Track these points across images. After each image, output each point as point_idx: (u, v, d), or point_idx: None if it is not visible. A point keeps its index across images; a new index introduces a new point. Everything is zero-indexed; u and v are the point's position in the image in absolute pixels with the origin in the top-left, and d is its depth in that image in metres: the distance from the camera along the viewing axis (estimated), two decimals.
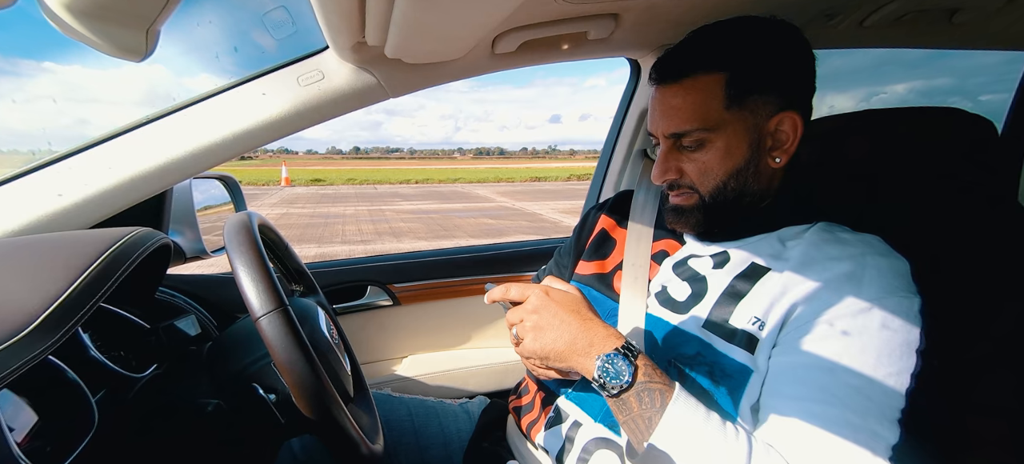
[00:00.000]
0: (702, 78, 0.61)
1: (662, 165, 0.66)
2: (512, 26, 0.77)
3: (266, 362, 0.67)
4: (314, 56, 0.79)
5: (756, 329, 0.58)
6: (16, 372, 0.41)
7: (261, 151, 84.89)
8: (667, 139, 0.65)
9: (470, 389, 1.34)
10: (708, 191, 0.64)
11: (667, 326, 0.65)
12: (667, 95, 0.63)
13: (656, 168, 0.66)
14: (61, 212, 0.73)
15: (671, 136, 0.64)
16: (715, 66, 0.60)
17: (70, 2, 0.42)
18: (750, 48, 0.61)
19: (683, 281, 0.68)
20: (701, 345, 0.61)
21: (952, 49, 1.03)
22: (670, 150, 0.65)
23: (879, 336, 0.52)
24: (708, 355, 0.60)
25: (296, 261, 0.88)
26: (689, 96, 0.61)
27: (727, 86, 0.60)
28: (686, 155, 0.64)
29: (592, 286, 0.78)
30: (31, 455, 0.46)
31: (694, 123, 0.61)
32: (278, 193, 18.68)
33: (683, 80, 0.62)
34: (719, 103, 0.61)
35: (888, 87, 3.77)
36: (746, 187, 0.63)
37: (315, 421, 0.56)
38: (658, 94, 0.65)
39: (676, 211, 0.68)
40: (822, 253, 0.59)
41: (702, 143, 0.62)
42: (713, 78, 0.60)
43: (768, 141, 0.62)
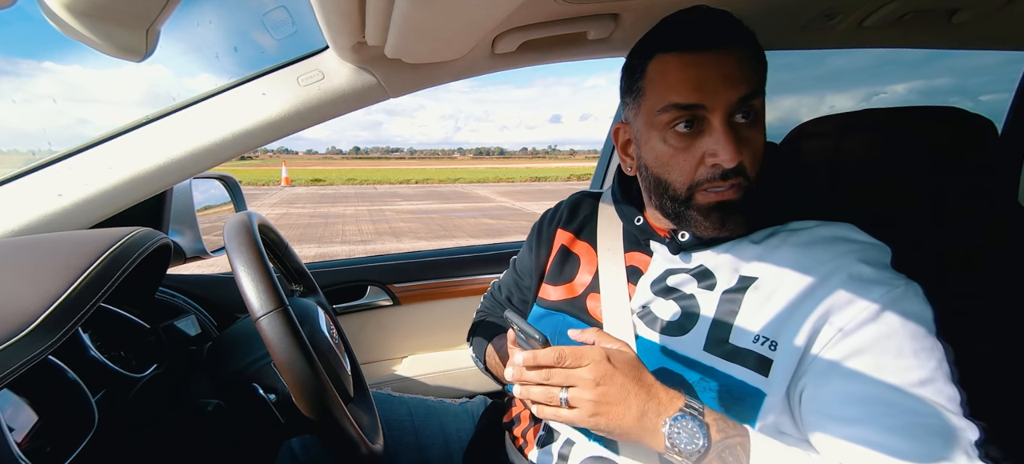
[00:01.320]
0: (747, 49, 0.56)
1: (735, 143, 0.54)
2: (512, 26, 0.77)
3: (266, 362, 0.66)
4: (314, 56, 0.79)
5: (767, 350, 0.54)
6: (16, 372, 0.41)
7: (261, 151, 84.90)
8: (725, 111, 0.54)
9: (470, 389, 1.34)
10: (755, 174, 0.57)
11: (662, 351, 0.61)
12: (723, 59, 0.54)
13: (728, 144, 0.54)
14: (61, 212, 0.73)
15: (738, 102, 0.54)
16: (749, 41, 0.57)
17: (70, 2, 0.42)
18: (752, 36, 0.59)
19: (668, 301, 0.63)
20: (704, 370, 0.58)
21: (952, 49, 1.03)
22: (727, 126, 0.55)
23: (905, 330, 0.50)
24: (714, 379, 0.57)
25: (296, 261, 0.88)
26: (747, 61, 0.56)
27: (759, 62, 0.58)
28: (741, 130, 0.56)
29: (566, 313, 0.73)
30: (31, 455, 0.46)
31: (757, 85, 0.56)
32: (278, 193, 18.68)
33: (735, 46, 0.55)
34: (760, 74, 0.58)
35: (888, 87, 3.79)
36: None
37: (315, 421, 0.56)
38: (708, 60, 0.55)
39: (725, 209, 0.57)
40: (811, 256, 0.56)
41: (755, 115, 0.57)
42: (749, 51, 0.56)
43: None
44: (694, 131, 0.56)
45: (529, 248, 0.86)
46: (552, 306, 0.76)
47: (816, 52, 0.96)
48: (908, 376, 0.49)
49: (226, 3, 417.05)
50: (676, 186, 0.59)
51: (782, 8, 0.82)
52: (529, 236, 0.88)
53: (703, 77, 0.54)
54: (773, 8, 0.83)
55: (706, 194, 0.58)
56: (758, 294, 0.57)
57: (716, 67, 0.54)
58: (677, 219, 0.62)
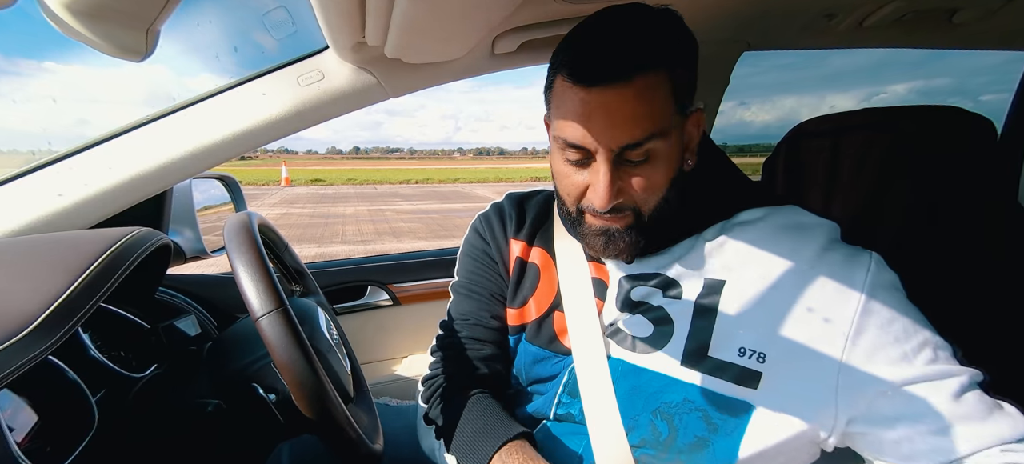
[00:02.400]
0: (652, 77, 0.49)
1: (610, 188, 0.52)
2: (512, 26, 0.77)
3: (266, 362, 0.66)
4: (314, 56, 0.79)
5: (755, 362, 0.53)
6: (16, 372, 0.41)
7: (261, 151, 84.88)
8: (609, 153, 0.51)
9: None
10: (649, 209, 0.55)
11: (640, 372, 0.58)
12: (613, 100, 0.49)
13: (603, 192, 0.52)
14: (61, 212, 0.73)
15: (621, 149, 0.51)
16: (662, 62, 0.50)
17: (70, 2, 0.42)
18: (681, 41, 0.53)
19: (635, 315, 0.59)
20: (686, 388, 0.55)
21: (952, 49, 1.03)
22: (613, 166, 0.52)
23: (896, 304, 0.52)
24: (698, 397, 0.55)
25: (296, 261, 0.88)
26: (642, 99, 0.49)
27: (674, 85, 0.51)
28: (629, 170, 0.53)
29: (530, 340, 0.66)
30: (31, 455, 0.46)
31: (649, 131, 0.50)
32: (278, 193, 18.68)
33: (635, 79, 0.49)
34: (671, 106, 0.51)
35: (889, 87, 3.74)
36: (673, 198, 0.56)
37: (315, 421, 0.56)
38: (596, 98, 0.50)
39: (606, 235, 0.56)
40: (772, 248, 0.55)
41: (650, 155, 0.52)
42: (661, 77, 0.50)
43: (682, 143, 0.56)
44: (583, 163, 0.54)
45: (484, 263, 0.72)
46: (513, 331, 0.69)
47: (816, 52, 0.96)
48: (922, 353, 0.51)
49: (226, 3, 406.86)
50: (567, 204, 0.59)
51: (782, 8, 0.82)
52: (472, 247, 0.74)
53: (589, 118, 0.51)
54: (773, 8, 0.83)
55: (592, 219, 0.57)
56: (729, 299, 0.55)
57: (604, 108, 0.50)
58: (574, 234, 0.61)
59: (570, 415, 0.63)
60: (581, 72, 0.50)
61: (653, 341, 0.58)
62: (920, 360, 0.50)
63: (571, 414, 0.62)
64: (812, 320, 0.53)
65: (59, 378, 0.58)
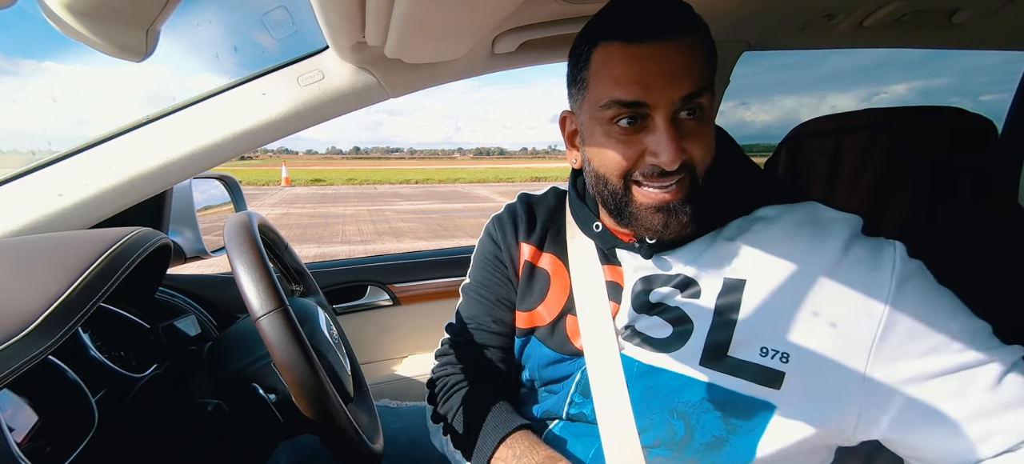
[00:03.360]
0: (696, 37, 0.52)
1: (677, 143, 0.51)
2: (512, 26, 0.77)
3: (266, 362, 0.66)
4: (314, 56, 0.79)
5: (778, 362, 0.52)
6: (16, 372, 0.41)
7: (261, 151, 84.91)
8: (668, 109, 0.51)
9: None
10: (703, 169, 0.54)
11: (657, 372, 0.58)
12: (669, 53, 0.51)
13: (670, 145, 0.51)
14: (61, 212, 0.73)
15: (682, 100, 0.51)
16: (700, 29, 0.53)
17: (70, 2, 0.42)
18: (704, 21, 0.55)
19: (653, 316, 0.59)
20: (705, 387, 0.54)
21: (952, 49, 1.03)
22: (671, 124, 0.52)
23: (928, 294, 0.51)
24: (717, 397, 0.54)
25: (296, 261, 0.88)
26: (694, 52, 0.51)
27: (709, 51, 0.54)
28: (684, 128, 0.53)
29: (542, 342, 0.67)
30: (31, 455, 0.46)
31: (703, 82, 0.52)
32: (278, 193, 18.68)
33: (686, 35, 0.51)
34: (710, 67, 0.54)
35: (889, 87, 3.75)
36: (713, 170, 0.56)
37: (315, 421, 0.56)
38: (652, 53, 0.51)
39: (668, 210, 0.54)
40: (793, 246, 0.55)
41: (701, 111, 0.53)
42: (700, 39, 0.53)
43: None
44: (638, 127, 0.53)
45: (494, 266, 0.73)
46: (522, 334, 0.69)
47: (816, 52, 0.96)
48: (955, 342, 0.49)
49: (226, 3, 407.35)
50: (614, 182, 0.56)
51: (782, 8, 0.82)
52: (485, 250, 0.75)
53: (646, 72, 0.51)
54: (773, 8, 0.83)
55: (646, 193, 0.55)
56: (750, 298, 0.54)
57: (660, 62, 0.51)
58: (619, 217, 0.58)
59: (582, 415, 0.63)
60: (635, 30, 0.51)
61: (671, 342, 0.57)
62: (953, 348, 0.48)
63: (583, 414, 0.63)
64: (838, 318, 0.51)
65: (59, 378, 0.58)
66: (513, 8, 0.58)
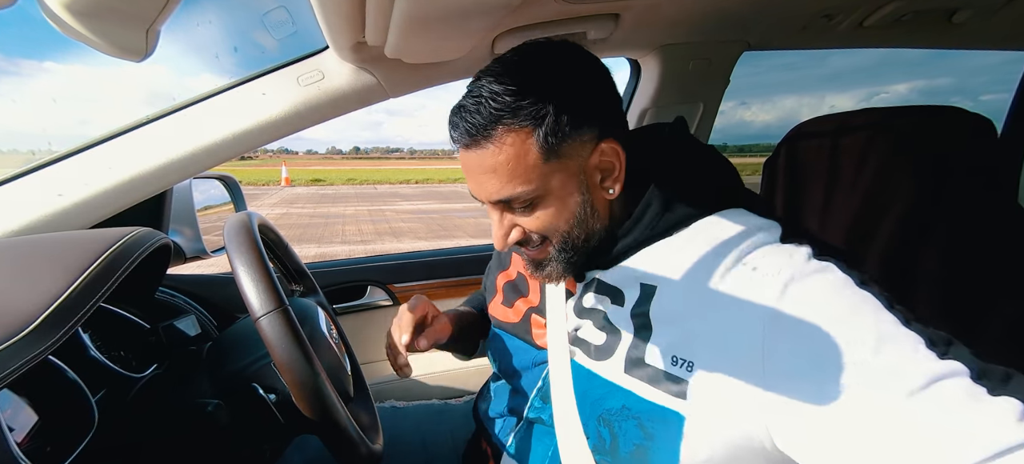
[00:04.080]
0: (509, 134, 0.52)
1: (501, 230, 0.58)
2: (512, 26, 0.77)
3: (266, 362, 0.66)
4: (314, 56, 0.79)
5: (683, 370, 0.51)
6: (16, 372, 0.41)
7: (261, 151, 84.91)
8: (491, 204, 0.57)
9: (472, 387, 1.34)
10: (560, 239, 0.58)
11: (591, 378, 0.59)
12: (472, 159, 0.54)
13: (496, 234, 0.58)
14: (61, 212, 0.73)
15: (499, 202, 0.56)
16: (522, 117, 0.51)
17: (70, 2, 0.42)
18: (552, 87, 0.53)
19: (588, 322, 0.62)
20: (624, 395, 0.55)
21: (952, 49, 1.03)
22: (501, 212, 0.57)
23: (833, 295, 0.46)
24: (633, 406, 0.54)
25: (296, 261, 0.88)
26: (499, 158, 0.52)
27: (538, 139, 0.52)
28: (520, 214, 0.57)
29: (515, 335, 0.73)
30: (31, 455, 0.46)
31: (517, 186, 0.53)
32: (278, 193, 18.69)
33: (485, 143, 0.52)
34: (536, 159, 0.53)
35: (889, 87, 3.73)
36: (591, 230, 0.58)
37: (315, 421, 0.56)
38: (462, 157, 0.56)
39: (536, 264, 0.61)
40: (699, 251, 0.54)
41: (534, 203, 0.55)
42: (522, 133, 0.52)
43: (596, 176, 0.57)
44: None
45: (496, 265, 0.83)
46: (500, 326, 0.76)
47: (816, 52, 0.96)
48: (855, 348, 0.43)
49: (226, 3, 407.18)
50: None
51: (782, 8, 0.82)
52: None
53: (467, 175, 0.57)
54: (773, 8, 0.83)
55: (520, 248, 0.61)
56: (660, 305, 0.55)
57: (468, 169, 0.56)
58: None
59: (540, 419, 0.66)
60: (451, 133, 0.56)
61: (605, 349, 0.58)
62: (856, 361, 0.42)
63: (542, 418, 0.66)
64: (728, 328, 0.49)
65: (59, 378, 0.58)
66: (513, 8, 0.58)
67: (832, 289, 0.47)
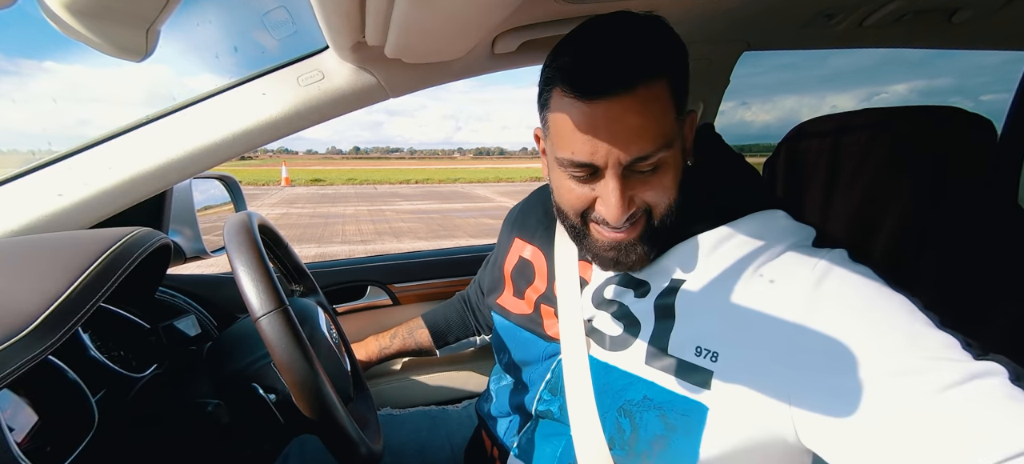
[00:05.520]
0: (654, 85, 0.48)
1: (622, 201, 0.52)
2: (512, 26, 0.77)
3: (266, 362, 0.66)
4: (314, 56, 0.79)
5: (707, 361, 0.51)
6: (16, 372, 0.41)
7: (261, 151, 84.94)
8: (617, 169, 0.51)
9: (471, 389, 1.34)
10: (661, 212, 0.54)
11: (609, 370, 0.58)
12: (618, 111, 0.48)
13: (615, 207, 0.52)
14: (61, 212, 0.73)
15: (632, 162, 0.50)
16: (661, 69, 0.49)
17: (70, 2, 0.42)
18: (674, 46, 0.52)
19: (607, 314, 0.60)
20: (646, 386, 0.55)
21: (952, 49, 1.03)
22: (622, 178, 0.51)
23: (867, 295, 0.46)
24: (656, 396, 0.54)
25: (296, 261, 0.88)
26: (648, 109, 0.48)
27: (675, 92, 0.50)
28: (639, 180, 0.52)
29: (523, 326, 0.71)
30: (31, 455, 0.46)
31: (658, 142, 0.50)
32: (278, 193, 18.68)
33: (637, 89, 0.48)
34: (673, 115, 0.51)
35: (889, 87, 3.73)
36: (679, 200, 0.56)
37: (315, 421, 0.56)
38: (599, 113, 0.49)
39: (617, 250, 0.56)
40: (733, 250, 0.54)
41: (660, 165, 0.52)
42: (662, 85, 0.49)
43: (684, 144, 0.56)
44: (591, 176, 0.53)
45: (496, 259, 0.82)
46: (508, 316, 0.75)
47: (817, 52, 0.96)
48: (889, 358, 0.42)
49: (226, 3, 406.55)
50: (572, 218, 0.58)
51: (782, 8, 0.82)
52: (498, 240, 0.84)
53: (595, 133, 0.49)
54: (773, 8, 0.83)
55: (601, 231, 0.56)
56: (688, 298, 0.54)
57: (609, 122, 0.49)
58: (578, 245, 0.61)
59: (549, 412, 0.65)
60: (583, 83, 0.49)
61: (622, 340, 0.58)
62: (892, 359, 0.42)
63: (550, 411, 0.65)
64: (756, 324, 0.49)
65: (59, 378, 0.58)
66: (513, 8, 0.58)
67: (866, 286, 0.47)
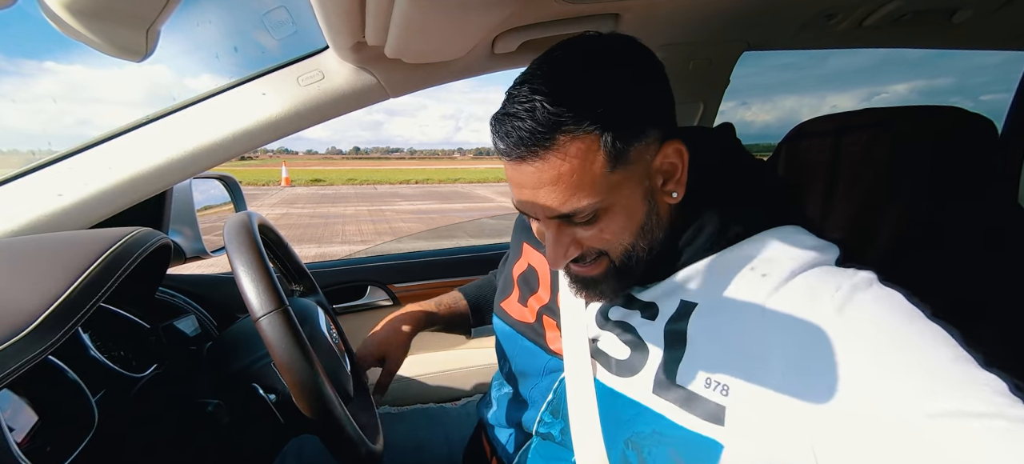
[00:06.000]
0: (575, 142, 0.46)
1: (556, 248, 0.51)
2: (512, 26, 0.76)
3: (266, 362, 0.66)
4: (314, 56, 0.79)
5: (719, 395, 0.46)
6: (16, 372, 0.41)
7: (261, 151, 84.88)
8: (549, 219, 0.50)
9: (471, 388, 1.34)
10: (620, 253, 0.52)
11: (615, 396, 0.54)
12: (531, 172, 0.47)
13: (550, 253, 0.51)
14: (61, 212, 0.73)
15: (558, 217, 0.50)
16: (583, 122, 0.45)
17: (70, 2, 0.42)
18: (614, 86, 0.47)
19: (612, 334, 0.57)
20: (655, 419, 0.50)
21: (952, 49, 1.03)
22: (559, 228, 0.51)
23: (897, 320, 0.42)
24: (666, 431, 0.49)
25: (296, 261, 0.88)
26: (566, 167, 0.46)
27: (606, 145, 0.46)
28: (581, 228, 0.51)
29: (524, 335, 0.69)
30: (31, 455, 0.46)
31: (584, 198, 0.47)
32: (278, 193, 18.68)
33: (551, 149, 0.46)
34: (603, 167, 0.47)
35: (889, 87, 3.72)
36: (655, 240, 0.53)
37: (315, 421, 0.56)
38: (514, 171, 0.49)
39: (584, 283, 0.55)
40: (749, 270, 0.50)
41: (597, 214, 0.49)
42: (585, 139, 0.46)
43: (659, 180, 0.51)
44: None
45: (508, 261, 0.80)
46: (510, 322, 0.73)
47: (817, 52, 0.96)
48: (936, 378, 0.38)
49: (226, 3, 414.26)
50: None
51: (782, 8, 0.82)
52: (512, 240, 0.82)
53: (518, 187, 0.50)
54: (773, 8, 0.83)
55: (568, 266, 0.55)
56: (700, 323, 0.50)
57: (522, 181, 0.49)
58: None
59: (551, 435, 0.63)
60: (499, 144, 0.49)
61: (629, 365, 0.54)
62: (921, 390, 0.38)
63: (552, 434, 0.63)
64: (773, 351, 0.45)
65: (59, 378, 0.58)
66: (513, 8, 0.58)
67: (896, 312, 0.43)
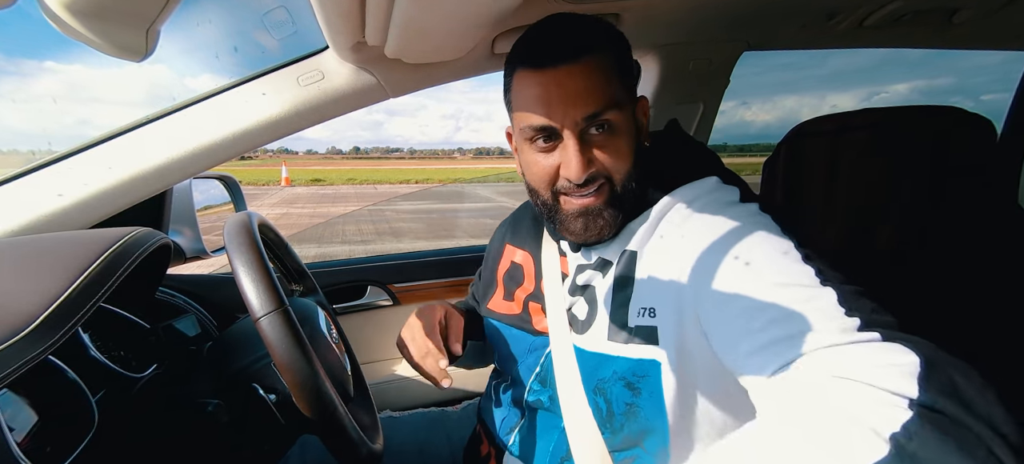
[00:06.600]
0: (597, 57, 0.56)
1: (580, 157, 0.56)
2: (512, 26, 0.77)
3: (266, 362, 0.66)
4: (314, 56, 0.79)
5: (649, 318, 0.56)
6: (16, 372, 0.41)
7: (261, 151, 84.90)
8: (573, 129, 0.56)
9: (471, 389, 1.34)
10: (621, 177, 0.59)
11: (582, 353, 0.62)
12: (566, 77, 0.56)
13: (575, 162, 0.56)
14: (61, 212, 0.73)
15: (584, 120, 0.56)
16: (603, 46, 0.57)
17: (70, 2, 0.42)
18: (614, 35, 0.60)
19: (579, 299, 0.64)
20: (612, 362, 0.58)
21: (952, 49, 1.03)
22: (579, 139, 0.57)
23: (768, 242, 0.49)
24: (619, 367, 0.58)
25: (296, 261, 0.88)
26: (594, 75, 0.56)
27: (618, 66, 0.58)
28: (595, 142, 0.58)
29: (512, 325, 0.74)
30: (31, 455, 0.46)
31: (605, 102, 0.56)
32: (278, 193, 18.69)
33: (582, 59, 0.55)
34: (619, 81, 0.58)
35: (889, 87, 3.73)
36: (637, 177, 0.60)
37: (315, 421, 0.56)
38: (552, 78, 0.56)
39: (585, 215, 0.60)
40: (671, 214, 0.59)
41: (611, 126, 0.57)
42: (604, 57, 0.57)
43: (639, 122, 0.62)
44: (553, 144, 0.59)
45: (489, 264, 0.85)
46: (500, 319, 0.77)
47: (817, 52, 0.97)
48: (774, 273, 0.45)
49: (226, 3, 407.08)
50: (543, 193, 0.62)
51: (782, 8, 0.82)
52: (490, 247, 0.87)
53: (549, 96, 0.56)
54: (773, 8, 0.83)
55: (569, 201, 0.61)
56: (639, 268, 0.59)
57: (560, 86, 0.56)
58: (551, 223, 0.65)
59: (540, 402, 0.68)
60: (538, 57, 0.57)
61: (588, 321, 0.62)
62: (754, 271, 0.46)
63: (541, 401, 0.68)
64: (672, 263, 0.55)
65: (59, 378, 0.58)
66: (513, 8, 0.58)
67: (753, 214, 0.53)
